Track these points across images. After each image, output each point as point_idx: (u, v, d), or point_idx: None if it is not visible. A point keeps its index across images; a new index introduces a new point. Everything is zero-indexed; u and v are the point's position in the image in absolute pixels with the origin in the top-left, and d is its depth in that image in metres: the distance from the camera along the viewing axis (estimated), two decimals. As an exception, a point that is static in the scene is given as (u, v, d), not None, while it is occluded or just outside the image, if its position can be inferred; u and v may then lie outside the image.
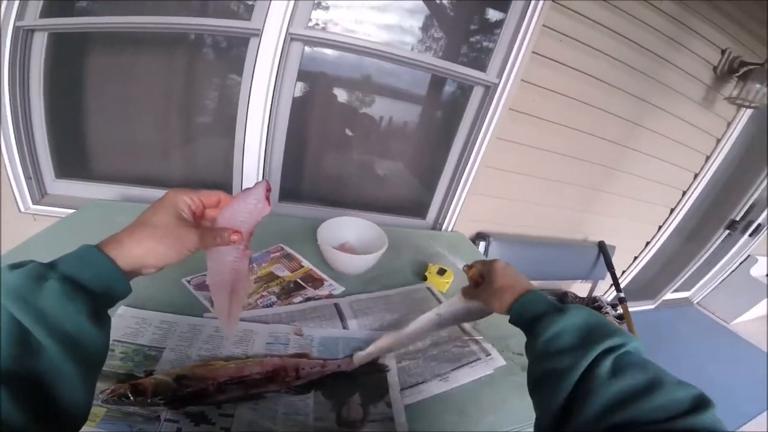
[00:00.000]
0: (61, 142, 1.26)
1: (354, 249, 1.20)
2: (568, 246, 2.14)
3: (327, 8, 1.22)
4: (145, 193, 1.35)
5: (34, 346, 0.34)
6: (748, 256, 3.44)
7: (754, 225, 2.95)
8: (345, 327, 0.93)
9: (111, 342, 0.62)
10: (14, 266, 0.37)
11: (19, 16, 1.06)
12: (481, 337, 0.96)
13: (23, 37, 1.09)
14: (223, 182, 1.38)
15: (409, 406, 0.75)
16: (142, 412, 0.61)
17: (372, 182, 1.69)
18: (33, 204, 1.26)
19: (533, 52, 1.37)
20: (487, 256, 1.76)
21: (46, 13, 1.09)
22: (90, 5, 1.16)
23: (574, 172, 1.83)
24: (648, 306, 3.48)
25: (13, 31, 1.06)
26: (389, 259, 1.22)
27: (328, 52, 1.31)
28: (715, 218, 2.85)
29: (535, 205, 1.89)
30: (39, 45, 1.13)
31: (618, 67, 1.56)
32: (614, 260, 2.19)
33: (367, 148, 1.61)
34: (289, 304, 0.97)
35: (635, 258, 2.57)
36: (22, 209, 1.26)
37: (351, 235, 1.22)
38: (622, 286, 2.43)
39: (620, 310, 2.06)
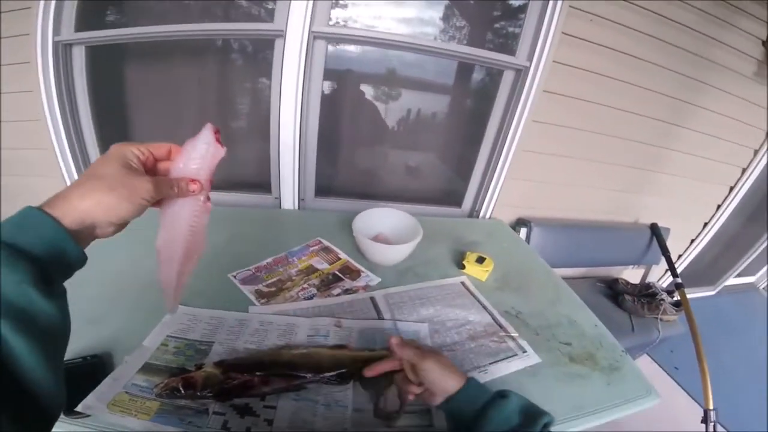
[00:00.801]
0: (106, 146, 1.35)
1: (388, 240, 1.20)
2: (617, 229, 2.03)
3: (345, 6, 1.23)
4: None
5: None
6: None
7: None
8: (381, 318, 0.94)
9: (165, 338, 0.71)
10: None
11: (56, 31, 1.15)
12: (516, 334, 0.94)
13: (63, 51, 1.19)
14: (262, 181, 1.43)
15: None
16: (192, 405, 0.64)
17: (404, 174, 1.69)
18: None
19: (563, 32, 1.32)
20: (529, 242, 1.71)
21: (80, 27, 1.18)
22: (118, 19, 1.24)
23: (619, 153, 1.76)
24: (708, 292, 3.29)
25: (53, 46, 1.15)
26: (425, 249, 1.21)
27: (352, 48, 1.32)
28: None
29: (579, 188, 1.83)
30: (79, 58, 1.22)
31: (656, 45, 1.48)
32: (669, 243, 2.06)
33: (397, 140, 1.61)
34: (328, 296, 0.99)
35: (692, 241, 2.43)
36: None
37: (385, 226, 1.22)
38: (678, 271, 2.30)
39: (677, 297, 1.93)
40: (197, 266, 0.54)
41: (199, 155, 0.48)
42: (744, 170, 2.11)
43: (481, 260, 1.16)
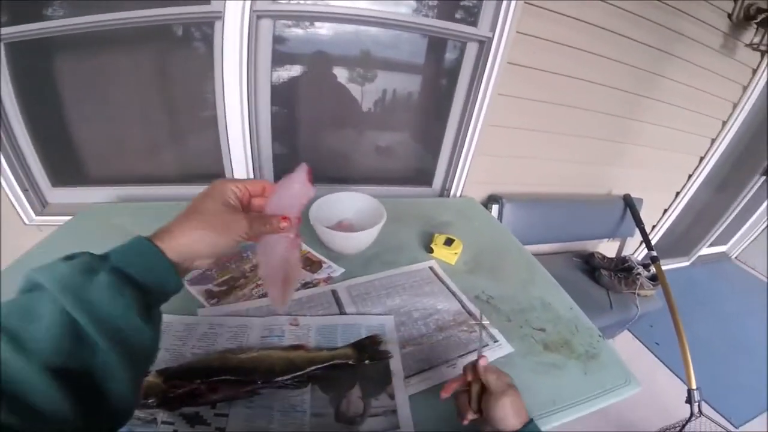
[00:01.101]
0: (49, 151, 1.23)
1: (353, 226, 1.12)
2: (591, 202, 2.01)
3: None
4: (141, 191, 1.32)
5: (85, 340, 0.33)
6: None
7: None
8: (343, 313, 0.87)
9: None
10: (68, 258, 0.36)
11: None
12: (488, 322, 0.88)
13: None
14: (217, 172, 1.33)
15: (414, 397, 0.69)
16: (139, 415, 0.60)
17: (374, 155, 1.61)
18: (36, 215, 1.25)
19: (526, 2, 1.26)
20: (501, 220, 1.67)
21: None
22: (40, 11, 1.07)
23: (589, 125, 1.73)
24: (683, 263, 3.37)
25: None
26: (393, 233, 1.15)
27: (320, 31, 1.24)
28: (748, 165, 2.69)
29: (550, 162, 1.79)
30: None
31: (623, 16, 1.44)
32: (642, 214, 2.06)
33: (366, 122, 1.53)
34: None
35: (665, 211, 2.47)
36: (27, 222, 1.25)
37: (349, 212, 1.14)
38: (653, 242, 2.31)
39: (653, 270, 1.92)
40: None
41: (291, 194, 0.52)
42: (713, 141, 2.15)
43: (449, 242, 1.09)
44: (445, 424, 0.65)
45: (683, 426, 1.46)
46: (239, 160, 1.29)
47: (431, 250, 1.10)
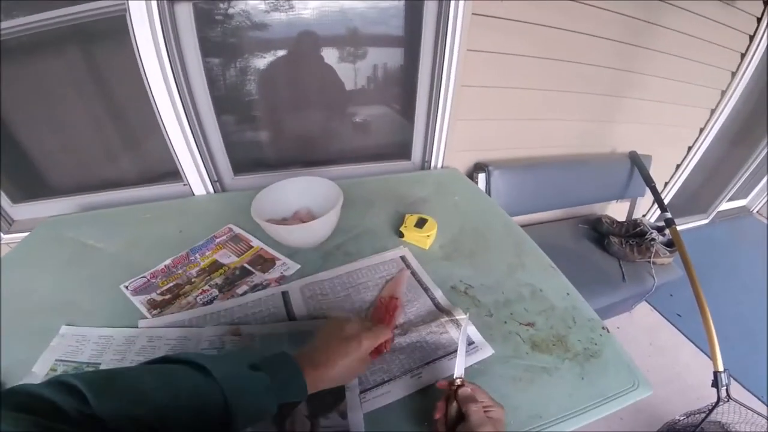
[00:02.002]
0: (3, 167, 1.16)
1: (313, 215, 0.98)
2: (593, 162, 1.84)
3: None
4: (101, 198, 1.24)
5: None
6: None
7: None
8: (292, 318, 0.75)
9: (53, 362, 0.67)
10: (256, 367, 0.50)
11: None
12: (464, 317, 0.73)
13: None
14: (172, 170, 1.22)
15: (370, 415, 0.58)
16: None
17: (349, 132, 1.48)
18: (4, 234, 1.21)
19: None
20: (490, 190, 1.53)
21: None
22: None
23: (583, 80, 1.58)
24: (701, 221, 3.21)
25: None
26: (360, 217, 1.04)
27: (276, 15, 1.10)
28: (763, 117, 2.54)
29: (541, 122, 1.64)
30: None
31: None
32: (652, 172, 1.89)
33: (338, 99, 1.38)
34: (232, 296, 0.81)
35: (677, 167, 2.32)
36: (-4, 241, 1.20)
37: (305, 199, 1.00)
38: (666, 201, 2.14)
39: (668, 235, 1.74)
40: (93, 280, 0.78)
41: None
42: (723, 93, 2.02)
43: (421, 223, 0.95)
44: None
45: (708, 413, 1.31)
46: (185, 155, 1.16)
47: (402, 235, 0.96)
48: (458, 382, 0.55)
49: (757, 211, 3.58)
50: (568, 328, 0.75)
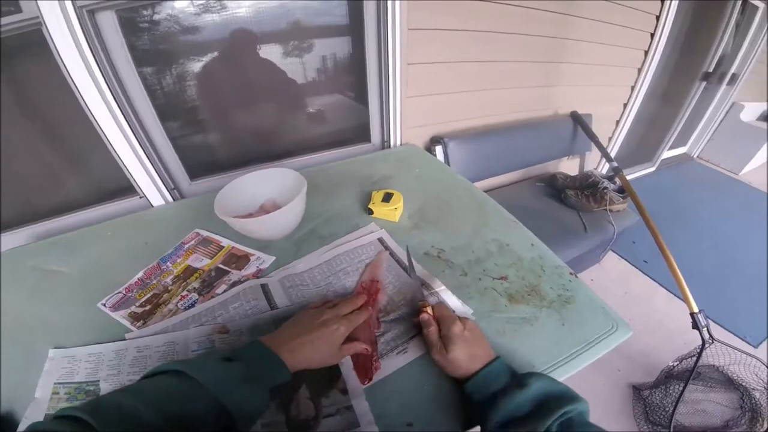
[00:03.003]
0: None
1: (279, 205, 0.98)
2: (539, 124, 1.94)
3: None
4: (56, 224, 1.17)
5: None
6: (733, 103, 3.48)
7: (729, 75, 3.12)
8: (274, 308, 0.75)
9: (53, 385, 0.66)
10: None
11: None
12: (442, 288, 0.77)
13: None
14: (125, 185, 1.18)
15: (369, 388, 0.60)
16: None
17: (306, 122, 1.47)
18: None
19: None
20: (449, 161, 1.57)
21: None
22: None
23: (521, 49, 1.66)
24: (649, 169, 3.43)
25: None
26: (328, 201, 1.04)
27: (240, 13, 1.09)
28: (687, 73, 2.93)
29: (486, 92, 1.70)
30: None
31: None
32: (595, 129, 2.03)
33: (291, 91, 1.36)
34: (213, 297, 0.80)
35: (617, 122, 2.49)
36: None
37: (269, 190, 1.00)
38: (613, 154, 2.27)
39: (619, 183, 1.85)
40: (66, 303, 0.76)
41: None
42: (646, 53, 2.19)
43: (388, 197, 0.97)
44: (410, 410, 0.58)
45: (698, 355, 1.37)
46: (136, 167, 1.13)
47: (371, 211, 0.98)
48: (423, 307, 0.65)
49: (698, 156, 3.82)
50: (538, 277, 0.80)
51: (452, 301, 0.74)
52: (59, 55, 0.91)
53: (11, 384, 0.66)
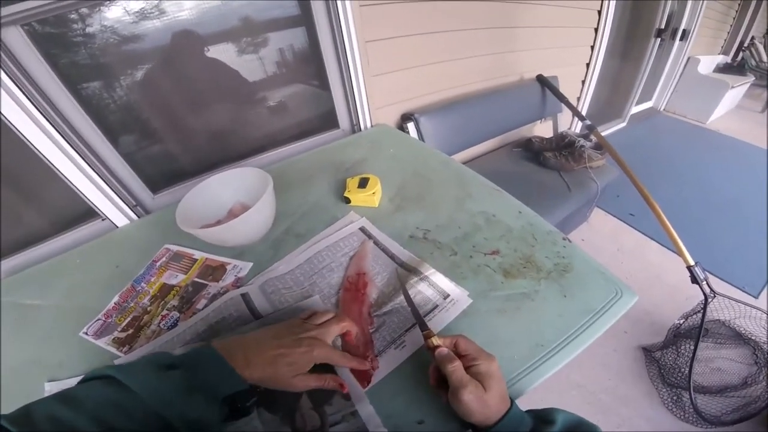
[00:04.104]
0: None
1: (249, 207, 0.92)
2: (507, 91, 1.91)
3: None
4: (24, 257, 1.08)
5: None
6: (689, 58, 3.65)
7: (680, 31, 3.26)
8: (259, 317, 0.71)
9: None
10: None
11: None
12: (432, 271, 0.72)
13: None
14: (85, 210, 1.10)
15: (371, 390, 0.57)
16: None
17: (269, 117, 1.41)
18: None
19: None
20: (422, 136, 1.54)
21: None
22: None
23: (477, 17, 1.64)
24: (620, 125, 3.52)
25: None
26: (300, 197, 0.99)
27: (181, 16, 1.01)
28: (641, 31, 3.05)
29: (449, 63, 1.67)
30: None
31: None
32: (562, 90, 2.03)
33: (247, 88, 1.31)
34: (194, 313, 0.75)
35: (582, 82, 2.53)
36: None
37: (235, 193, 0.94)
38: (584, 113, 2.26)
39: (595, 140, 1.84)
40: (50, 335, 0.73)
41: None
42: (599, 12, 2.20)
43: (364, 183, 0.93)
44: (418, 406, 0.55)
45: (703, 311, 1.36)
46: (91, 190, 1.06)
47: (348, 200, 0.93)
48: (435, 342, 0.54)
49: (665, 109, 3.92)
50: (531, 247, 0.76)
51: (445, 283, 0.71)
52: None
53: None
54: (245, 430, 0.54)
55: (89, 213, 1.11)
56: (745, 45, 4.52)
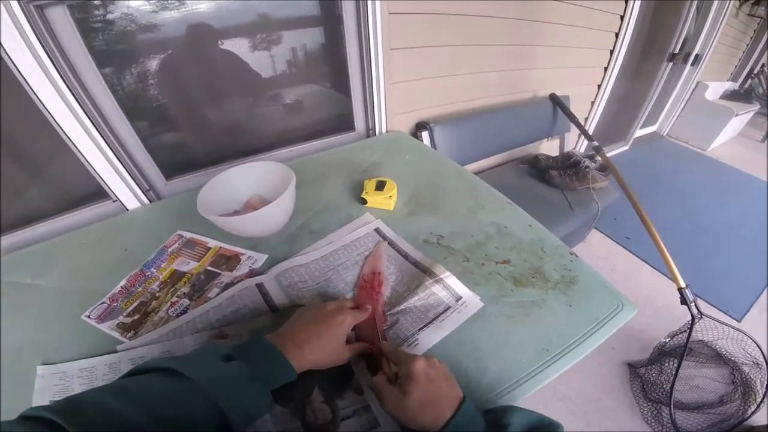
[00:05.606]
0: None
1: (266, 200, 0.94)
2: (520, 107, 1.95)
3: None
4: (28, 234, 1.07)
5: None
6: (698, 83, 3.63)
7: (693, 56, 3.26)
8: (275, 310, 0.71)
9: (50, 402, 0.62)
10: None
11: None
12: (447, 274, 0.74)
13: None
14: (94, 189, 1.09)
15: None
16: None
17: (285, 114, 1.42)
18: None
19: None
20: (435, 146, 1.56)
21: None
22: None
23: (499, 33, 1.67)
24: (623, 148, 3.53)
25: None
26: (317, 194, 1.00)
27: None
28: (655, 54, 3.07)
29: (467, 76, 1.69)
30: None
31: None
32: (572, 109, 2.07)
33: (267, 84, 1.31)
34: (206, 301, 0.75)
35: (592, 103, 2.56)
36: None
37: (254, 185, 0.95)
38: (590, 133, 2.29)
39: (600, 161, 1.87)
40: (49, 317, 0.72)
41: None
42: (617, 35, 2.24)
43: (381, 185, 0.94)
44: None
45: (690, 330, 1.40)
46: (106, 170, 1.05)
47: (365, 201, 0.95)
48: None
49: (668, 134, 3.96)
50: (540, 259, 0.78)
51: (459, 287, 0.72)
52: (9, 56, 0.82)
53: (7, 408, 0.62)
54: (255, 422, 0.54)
55: (99, 193, 1.10)
56: (755, 72, 4.43)
